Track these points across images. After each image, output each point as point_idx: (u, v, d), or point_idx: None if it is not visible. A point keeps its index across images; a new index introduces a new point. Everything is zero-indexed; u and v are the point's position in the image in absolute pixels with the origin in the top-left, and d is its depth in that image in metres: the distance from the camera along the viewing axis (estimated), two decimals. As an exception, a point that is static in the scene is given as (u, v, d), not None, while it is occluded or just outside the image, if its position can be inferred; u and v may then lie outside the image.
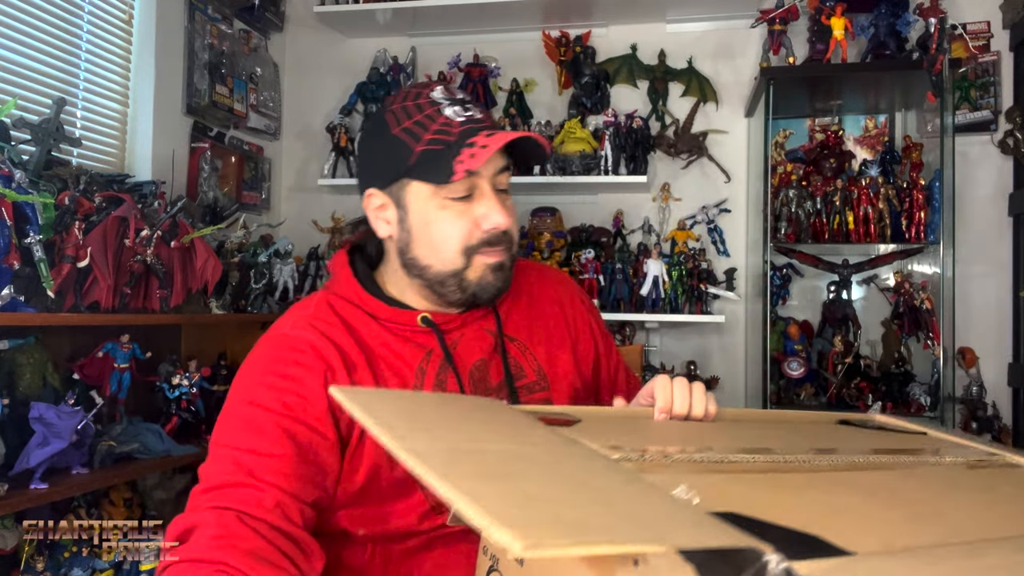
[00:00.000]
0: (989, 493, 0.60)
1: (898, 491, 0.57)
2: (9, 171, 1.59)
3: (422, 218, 0.96)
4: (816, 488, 0.55)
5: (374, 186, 1.00)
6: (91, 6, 2.22)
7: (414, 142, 0.93)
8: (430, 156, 0.93)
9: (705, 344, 2.86)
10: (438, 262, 0.97)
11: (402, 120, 0.95)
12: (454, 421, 0.61)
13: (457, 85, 3.01)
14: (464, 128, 0.93)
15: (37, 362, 1.73)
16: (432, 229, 0.96)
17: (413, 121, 0.94)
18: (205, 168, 2.62)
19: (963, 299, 2.59)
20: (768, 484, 0.54)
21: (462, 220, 0.95)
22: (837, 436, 0.82)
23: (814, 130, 2.84)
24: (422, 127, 0.94)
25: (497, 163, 0.96)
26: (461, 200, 0.95)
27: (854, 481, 0.58)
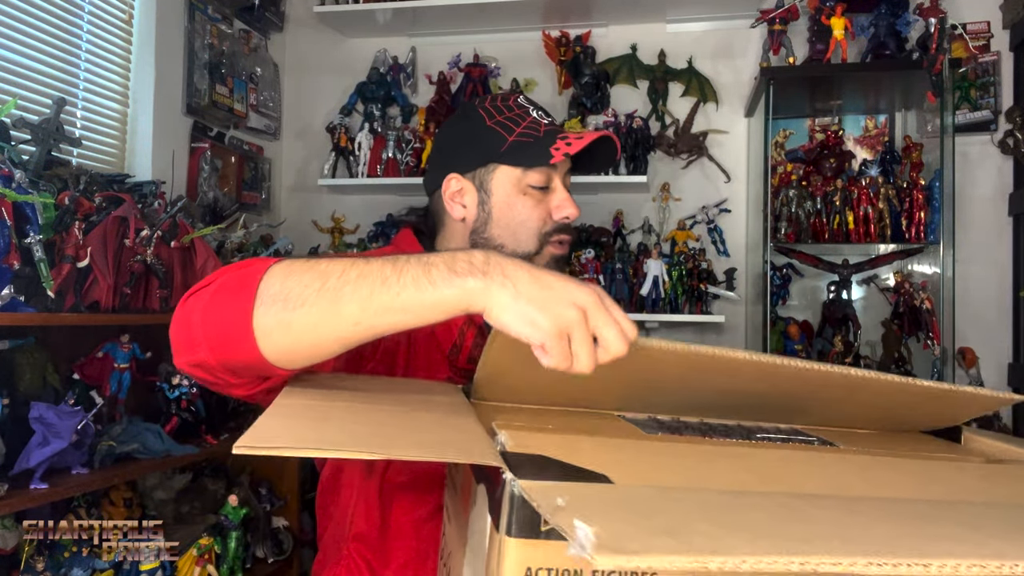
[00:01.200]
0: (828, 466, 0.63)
1: (712, 457, 0.61)
2: (9, 171, 1.59)
3: (504, 201, 1.08)
4: (642, 451, 0.60)
5: (456, 171, 1.11)
6: (91, 6, 2.22)
7: (507, 133, 1.07)
8: (521, 146, 1.06)
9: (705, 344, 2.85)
10: (513, 242, 1.08)
11: (495, 115, 1.09)
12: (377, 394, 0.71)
13: (457, 85, 3.01)
14: (550, 128, 1.08)
15: (37, 362, 1.73)
16: (513, 212, 1.08)
17: (504, 117, 1.09)
18: (205, 168, 2.62)
19: (963, 299, 2.59)
20: (604, 447, 0.60)
21: (540, 208, 1.08)
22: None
23: (814, 130, 2.84)
24: (513, 123, 1.08)
25: (567, 166, 1.10)
26: (540, 190, 1.07)
27: (692, 451, 0.63)
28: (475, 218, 1.11)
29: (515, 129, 1.07)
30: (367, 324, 0.66)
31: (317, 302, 0.66)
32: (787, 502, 0.45)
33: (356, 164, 2.90)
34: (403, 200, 3.06)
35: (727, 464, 0.58)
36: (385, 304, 0.64)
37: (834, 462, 0.63)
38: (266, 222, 2.82)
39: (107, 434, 1.81)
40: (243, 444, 0.48)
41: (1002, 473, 0.65)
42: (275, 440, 0.48)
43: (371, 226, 3.01)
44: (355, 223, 3.02)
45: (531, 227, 1.08)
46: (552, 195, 1.08)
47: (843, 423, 0.78)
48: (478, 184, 1.10)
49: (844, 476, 0.58)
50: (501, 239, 1.09)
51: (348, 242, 2.96)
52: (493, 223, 1.09)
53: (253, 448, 0.46)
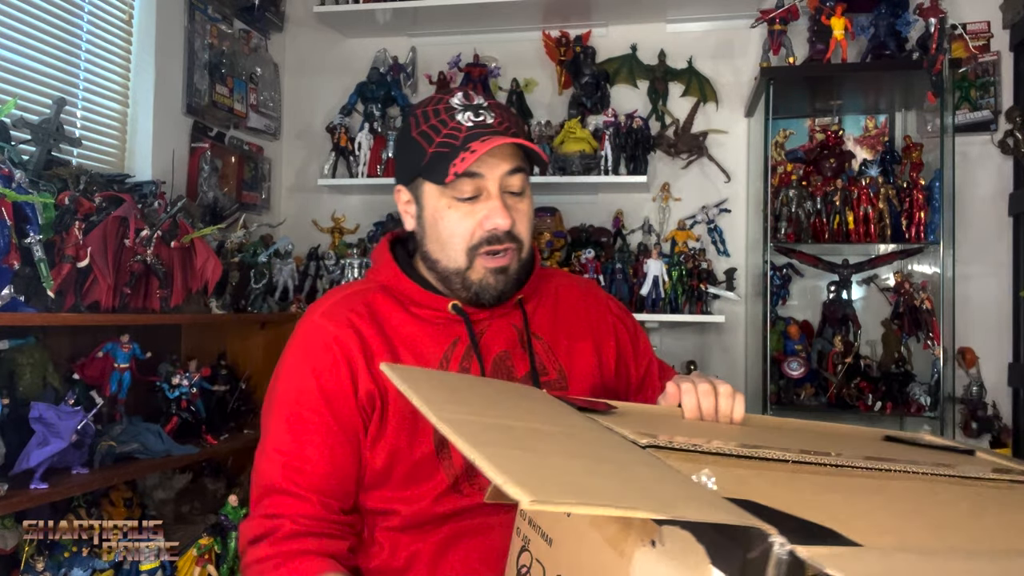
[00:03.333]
0: (1020, 512, 0.59)
1: (927, 499, 0.56)
2: (9, 171, 1.59)
3: (433, 215, 1.04)
4: (841, 489, 0.55)
5: (401, 182, 1.09)
6: (91, 6, 2.22)
7: (427, 144, 1.01)
8: (438, 158, 0.99)
9: (705, 344, 2.86)
10: (444, 258, 1.04)
11: (420, 123, 1.03)
12: (490, 400, 0.65)
13: (457, 85, 3.01)
14: (470, 133, 0.99)
15: (37, 362, 1.73)
16: (440, 226, 1.03)
17: (429, 124, 1.02)
18: (205, 168, 2.62)
19: (963, 299, 2.59)
20: (792, 480, 0.54)
21: (467, 220, 1.01)
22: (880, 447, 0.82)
23: (814, 130, 2.84)
24: (435, 131, 1.01)
25: (504, 166, 1.01)
26: (468, 200, 1.01)
27: (883, 487, 0.58)
28: (417, 232, 1.08)
29: (435, 139, 1.01)
30: None
31: None
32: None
33: (356, 164, 2.90)
34: (403, 200, 3.06)
35: (951, 509, 0.53)
36: None
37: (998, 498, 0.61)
38: (266, 222, 2.82)
39: (107, 434, 1.81)
40: (540, 499, 0.38)
41: None
42: (559, 491, 0.41)
43: (371, 226, 3.01)
44: (355, 223, 3.02)
45: (457, 242, 1.02)
46: (483, 203, 1.01)
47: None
48: (416, 197, 1.07)
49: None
50: (435, 255, 1.05)
51: (348, 242, 2.96)
52: (428, 238, 1.06)
53: (550, 503, 0.38)
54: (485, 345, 1.06)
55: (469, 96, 1.04)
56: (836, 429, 0.93)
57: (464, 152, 0.97)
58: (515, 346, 1.08)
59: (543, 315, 1.13)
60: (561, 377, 1.09)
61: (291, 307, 2.59)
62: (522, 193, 1.05)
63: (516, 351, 1.08)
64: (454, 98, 1.04)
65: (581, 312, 1.17)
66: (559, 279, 1.22)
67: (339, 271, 2.84)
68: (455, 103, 1.03)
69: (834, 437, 0.86)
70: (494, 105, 1.05)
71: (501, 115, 1.04)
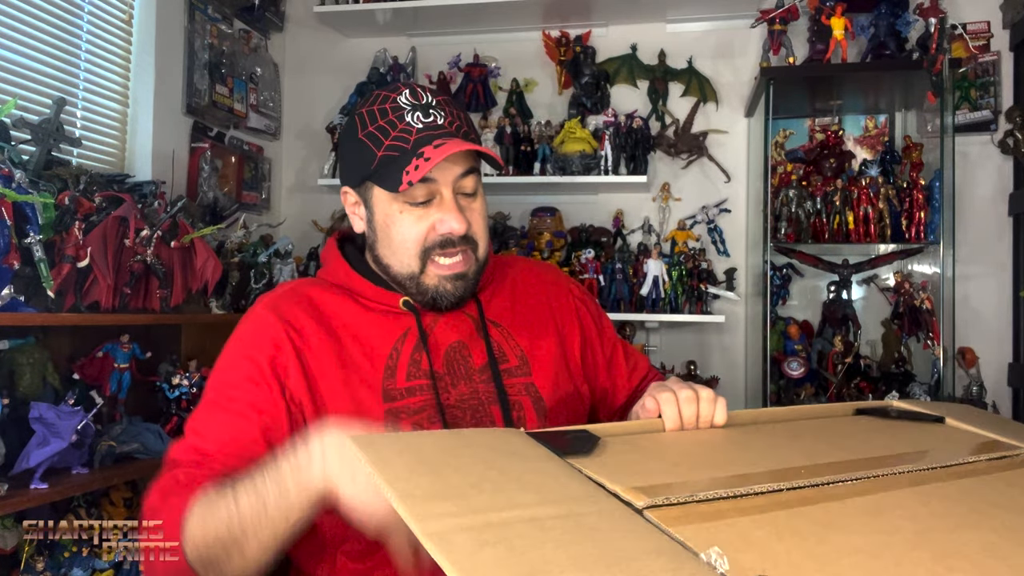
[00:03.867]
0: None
1: (924, 518, 0.56)
2: (9, 171, 1.59)
3: (384, 220, 1.00)
4: (840, 527, 0.54)
5: (348, 184, 1.05)
6: (91, 6, 2.22)
7: (376, 147, 0.97)
8: (388, 162, 0.96)
9: (705, 344, 2.86)
10: (397, 263, 1.01)
11: (367, 124, 0.98)
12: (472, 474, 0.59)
13: (457, 85, 3.01)
14: (420, 136, 0.95)
15: (37, 362, 1.73)
16: (392, 231, 1.00)
17: (376, 126, 0.97)
18: (205, 168, 2.62)
19: (963, 299, 2.59)
20: (790, 523, 0.54)
21: (420, 224, 0.98)
22: (859, 438, 0.81)
23: (814, 130, 2.84)
24: (384, 132, 0.97)
25: (456, 168, 0.98)
26: (420, 205, 0.98)
27: (878, 508, 0.58)
28: (368, 234, 1.05)
29: (384, 141, 0.96)
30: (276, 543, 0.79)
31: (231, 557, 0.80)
32: None
33: (356, 164, 2.90)
34: (403, 200, 3.06)
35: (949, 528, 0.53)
36: (270, 532, 0.78)
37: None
38: (266, 222, 2.82)
39: (107, 434, 1.81)
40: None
41: None
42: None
43: (371, 226, 3.00)
44: (355, 223, 3.02)
45: (410, 246, 0.99)
46: (436, 207, 0.98)
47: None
48: (364, 200, 1.03)
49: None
50: (387, 259, 1.02)
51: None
52: (379, 243, 1.03)
53: None
54: (435, 338, 1.03)
55: (417, 94, 0.99)
56: (812, 411, 0.93)
57: (417, 159, 0.93)
58: (471, 335, 1.05)
59: (500, 302, 1.10)
60: (523, 363, 1.06)
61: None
62: (475, 194, 1.02)
63: (473, 340, 1.05)
64: (401, 96, 0.98)
65: (542, 296, 1.15)
66: (518, 265, 1.19)
67: (339, 271, 2.84)
68: (403, 102, 0.98)
69: (813, 428, 0.86)
70: (444, 102, 1.00)
71: (451, 113, 0.99)
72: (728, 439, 0.81)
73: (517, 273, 1.16)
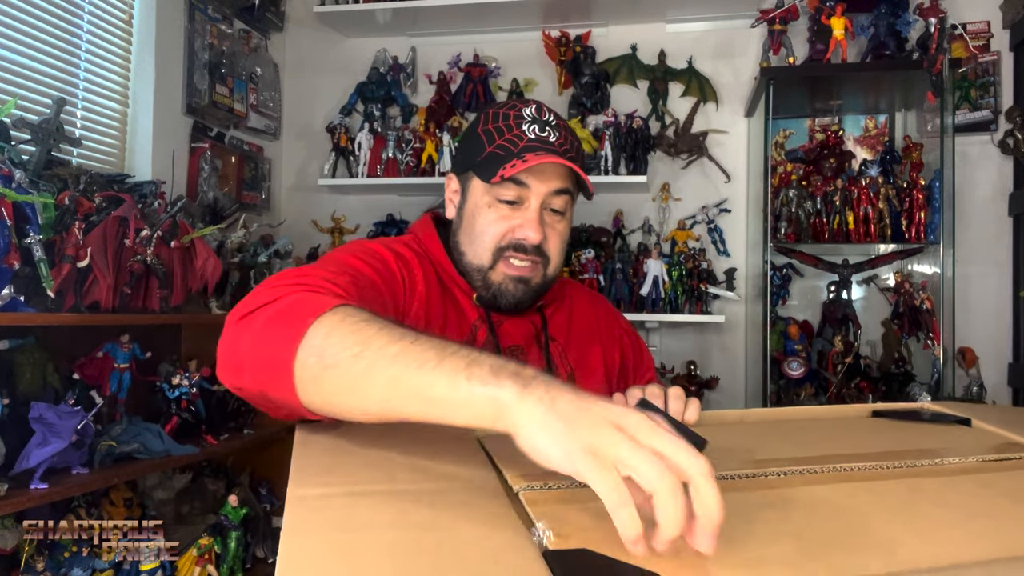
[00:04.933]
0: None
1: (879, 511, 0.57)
2: (9, 171, 1.59)
3: (472, 209, 1.08)
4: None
5: (454, 171, 1.14)
6: (91, 6, 2.22)
7: (488, 143, 1.06)
8: (493, 158, 1.04)
9: (705, 344, 2.86)
10: (471, 253, 1.08)
11: (489, 122, 1.08)
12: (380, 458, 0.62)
13: (457, 85, 3.01)
14: (528, 144, 1.03)
15: (37, 362, 1.73)
16: (476, 221, 1.07)
17: (495, 125, 1.07)
18: (205, 168, 2.62)
19: (963, 299, 2.59)
20: None
21: (501, 223, 1.05)
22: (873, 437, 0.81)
23: (814, 130, 2.84)
24: (499, 132, 1.06)
25: (552, 184, 1.04)
26: (508, 204, 1.05)
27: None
28: (455, 221, 1.13)
29: (497, 140, 1.05)
30: (392, 407, 0.61)
31: (349, 369, 0.63)
32: None
33: (356, 164, 2.90)
34: (403, 200, 3.06)
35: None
36: (413, 389, 0.59)
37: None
38: (266, 222, 2.82)
39: (107, 434, 1.81)
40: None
41: None
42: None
43: (371, 226, 3.01)
44: (355, 223, 3.02)
45: (487, 240, 1.06)
46: (521, 212, 1.05)
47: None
48: (462, 188, 1.12)
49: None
50: (464, 246, 1.09)
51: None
52: (462, 229, 1.10)
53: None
54: (500, 337, 1.10)
55: (542, 111, 1.08)
56: (828, 412, 0.93)
57: (517, 159, 1.00)
58: (529, 342, 1.12)
59: (560, 319, 1.18)
60: (570, 379, 1.13)
61: (291, 307, 2.59)
62: (563, 213, 1.08)
63: (531, 347, 1.12)
64: (527, 108, 1.08)
65: (592, 320, 1.23)
66: (577, 290, 1.28)
67: (339, 271, 2.84)
68: (526, 113, 1.07)
69: (823, 425, 0.86)
70: (563, 127, 1.08)
71: (565, 138, 1.07)
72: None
73: (576, 297, 1.25)
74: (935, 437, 0.80)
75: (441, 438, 0.69)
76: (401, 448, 0.66)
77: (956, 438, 0.80)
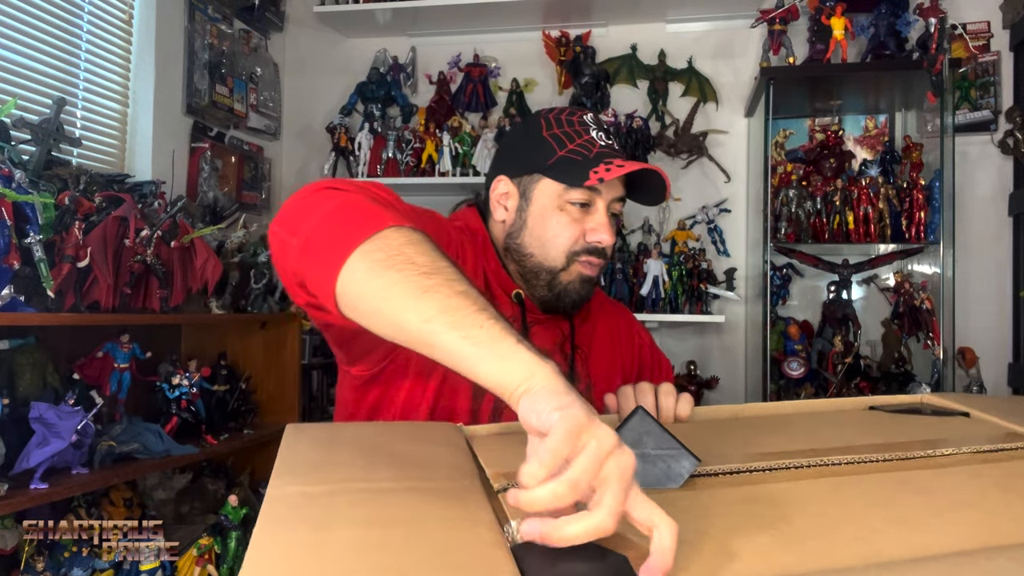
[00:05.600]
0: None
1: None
2: (9, 171, 1.59)
3: (541, 212, 1.08)
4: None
5: (506, 174, 1.12)
6: (91, 6, 2.22)
7: (559, 147, 1.07)
8: (568, 161, 1.06)
9: (705, 344, 2.86)
10: (541, 255, 1.08)
11: (553, 127, 1.09)
12: (361, 456, 0.63)
13: (457, 85, 3.01)
14: (603, 150, 1.07)
15: (37, 362, 1.73)
16: (547, 225, 1.07)
17: (562, 130, 1.08)
18: (205, 168, 2.62)
19: (963, 299, 2.59)
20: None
21: (575, 226, 1.06)
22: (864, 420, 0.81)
23: (814, 130, 2.84)
24: (568, 138, 1.07)
25: (617, 191, 1.08)
26: (579, 207, 1.06)
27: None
28: (512, 223, 1.11)
29: (567, 144, 1.07)
30: (430, 330, 0.61)
31: (410, 278, 0.64)
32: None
33: (356, 164, 2.90)
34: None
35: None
36: (466, 323, 0.60)
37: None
38: (266, 222, 2.82)
39: (107, 434, 1.81)
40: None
41: None
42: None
43: (371, 226, 3.01)
44: (355, 223, 3.02)
45: (561, 243, 1.06)
46: (591, 216, 1.07)
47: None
48: (522, 191, 1.11)
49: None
50: (531, 248, 1.09)
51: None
52: (527, 232, 1.09)
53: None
54: (530, 339, 1.10)
55: (597, 120, 1.11)
56: (825, 406, 0.93)
57: (606, 164, 1.02)
58: (554, 348, 1.13)
59: (586, 330, 1.19)
60: (588, 390, 1.14)
61: (291, 307, 2.59)
62: (619, 217, 1.12)
63: (556, 355, 1.12)
64: (587, 116, 1.11)
65: (615, 331, 1.24)
66: (599, 297, 1.28)
67: (339, 271, 2.84)
68: (588, 120, 1.10)
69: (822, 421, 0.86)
70: (614, 134, 1.14)
71: (619, 144, 1.14)
72: (684, 430, 0.81)
73: (600, 306, 1.26)
74: (930, 429, 0.79)
75: (429, 437, 0.71)
76: (389, 448, 0.66)
77: (952, 429, 0.79)
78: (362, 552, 0.45)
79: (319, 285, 0.71)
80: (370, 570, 0.42)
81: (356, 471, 0.60)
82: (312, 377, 2.79)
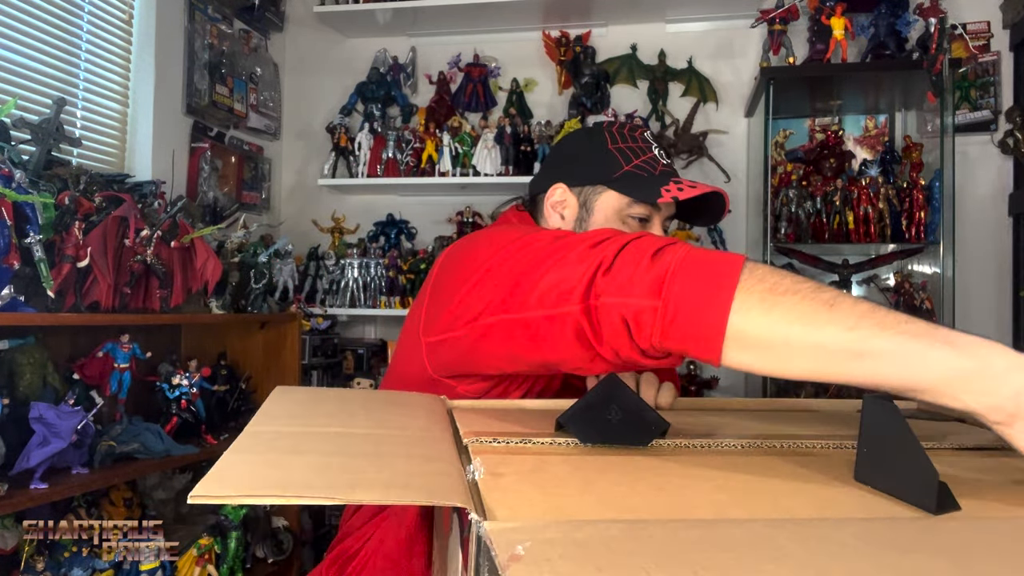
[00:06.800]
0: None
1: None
2: (9, 171, 1.59)
3: (603, 224, 1.09)
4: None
5: (564, 182, 1.13)
6: (91, 6, 2.22)
7: (625, 162, 1.09)
8: (634, 177, 1.08)
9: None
10: None
11: (618, 141, 1.11)
12: (343, 411, 0.67)
13: (457, 85, 3.01)
14: (665, 169, 1.10)
15: (37, 362, 1.73)
16: None
17: (627, 146, 1.10)
18: (205, 168, 2.62)
19: (963, 299, 2.59)
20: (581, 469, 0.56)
21: None
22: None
23: (814, 130, 2.84)
24: (633, 153, 1.10)
25: (671, 209, 1.12)
26: (638, 222, 1.09)
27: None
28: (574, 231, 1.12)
29: (633, 160, 1.09)
30: (858, 337, 0.56)
31: (811, 297, 0.58)
32: (765, 533, 0.41)
33: (356, 164, 2.90)
34: (403, 200, 3.06)
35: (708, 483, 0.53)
36: (885, 326, 0.55)
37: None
38: (266, 222, 2.82)
39: (107, 434, 1.81)
40: (199, 494, 0.42)
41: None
42: (234, 485, 0.44)
43: (371, 226, 3.01)
44: (355, 223, 3.02)
45: None
46: (649, 231, 1.06)
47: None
48: (582, 201, 1.11)
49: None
50: None
51: (348, 242, 2.96)
52: None
53: (208, 497, 0.42)
54: None
55: (656, 137, 1.15)
56: (818, 405, 0.93)
57: (677, 184, 1.04)
58: None
59: None
60: None
61: (291, 307, 2.59)
62: (666, 234, 1.14)
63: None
64: (647, 133, 1.14)
65: None
66: None
67: (339, 271, 2.85)
68: (649, 137, 1.13)
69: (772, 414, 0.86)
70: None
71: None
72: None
73: None
74: (917, 428, 0.79)
75: (412, 402, 0.75)
76: (371, 407, 0.70)
77: (938, 429, 0.79)
78: (322, 470, 0.47)
79: (694, 338, 0.62)
80: (325, 483, 0.45)
81: (334, 420, 0.63)
82: (312, 377, 2.79)
